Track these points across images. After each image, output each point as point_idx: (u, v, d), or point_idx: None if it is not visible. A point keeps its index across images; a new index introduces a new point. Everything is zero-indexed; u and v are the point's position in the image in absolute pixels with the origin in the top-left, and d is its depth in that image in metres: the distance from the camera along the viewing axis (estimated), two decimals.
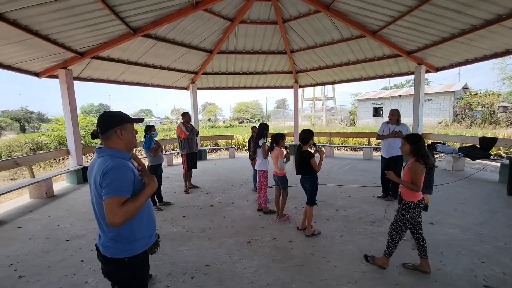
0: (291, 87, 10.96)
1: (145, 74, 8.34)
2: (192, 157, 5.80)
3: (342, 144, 11.87)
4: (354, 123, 30.21)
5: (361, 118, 28.94)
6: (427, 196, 3.31)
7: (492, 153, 6.98)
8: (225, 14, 6.80)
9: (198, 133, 6.15)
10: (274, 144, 3.91)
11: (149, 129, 4.74)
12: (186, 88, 10.17)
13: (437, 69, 7.75)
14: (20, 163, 5.68)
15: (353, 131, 14.72)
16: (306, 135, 3.39)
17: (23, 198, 5.56)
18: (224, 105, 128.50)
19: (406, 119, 10.00)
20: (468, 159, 6.75)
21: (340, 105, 39.64)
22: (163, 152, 5.40)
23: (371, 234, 3.46)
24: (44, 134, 13.34)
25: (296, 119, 11.12)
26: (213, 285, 2.51)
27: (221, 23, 7.13)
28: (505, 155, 8.08)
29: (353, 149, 11.28)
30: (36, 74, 6.35)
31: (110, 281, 1.54)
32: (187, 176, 5.82)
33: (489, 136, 7.94)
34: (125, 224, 1.36)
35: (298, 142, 3.51)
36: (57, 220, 4.30)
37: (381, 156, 4.93)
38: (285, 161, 3.86)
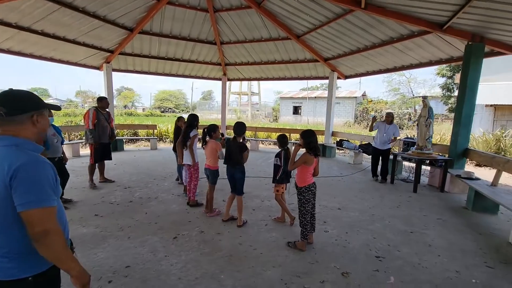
0: (219, 79, 10.88)
1: (42, 45, 6.83)
2: (103, 148, 5.14)
3: (266, 138, 12.53)
4: (277, 119, 32.31)
5: (283, 115, 31.18)
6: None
7: None
8: None
9: (113, 131, 5.39)
10: (207, 137, 3.77)
11: None
12: (98, 68, 8.82)
13: (346, 77, 9.02)
14: None
15: (277, 127, 15.70)
16: (244, 128, 3.57)
17: None
18: (143, 91, 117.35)
19: (321, 118, 11.34)
20: (365, 154, 8.15)
21: (265, 101, 41.73)
22: (64, 142, 4.37)
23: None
24: None
25: (223, 112, 11.14)
26: (136, 287, 2.30)
27: (145, 0, 6.44)
28: None
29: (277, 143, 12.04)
30: None
31: None
32: (93, 169, 5.10)
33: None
34: (19, 236, 1.09)
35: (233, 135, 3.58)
36: None
37: (373, 147, 6.26)
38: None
